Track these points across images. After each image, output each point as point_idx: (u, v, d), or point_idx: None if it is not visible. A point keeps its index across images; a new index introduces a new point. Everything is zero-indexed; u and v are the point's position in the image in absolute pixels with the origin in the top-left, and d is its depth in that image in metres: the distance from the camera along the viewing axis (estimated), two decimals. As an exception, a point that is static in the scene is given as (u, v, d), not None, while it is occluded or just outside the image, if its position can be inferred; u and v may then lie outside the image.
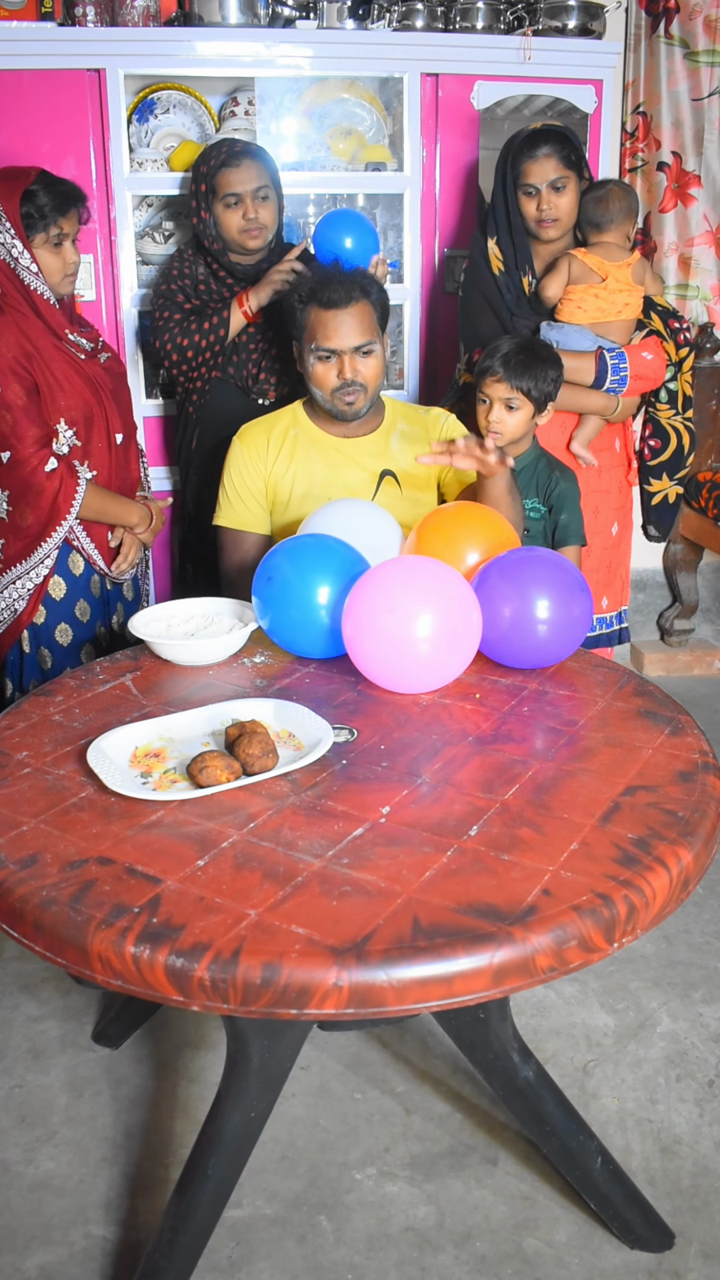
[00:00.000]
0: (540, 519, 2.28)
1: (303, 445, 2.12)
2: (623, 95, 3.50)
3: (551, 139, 2.32)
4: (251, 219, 2.34)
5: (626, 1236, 1.53)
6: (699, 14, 3.26)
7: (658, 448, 2.37)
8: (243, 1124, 1.36)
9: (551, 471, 2.28)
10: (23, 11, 2.57)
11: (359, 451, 2.13)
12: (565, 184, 2.33)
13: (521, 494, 2.20)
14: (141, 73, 2.70)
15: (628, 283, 2.38)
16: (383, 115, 2.91)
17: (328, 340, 2.00)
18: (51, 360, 2.03)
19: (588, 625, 1.66)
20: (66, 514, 2.02)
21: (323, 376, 2.03)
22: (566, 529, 2.27)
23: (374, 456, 2.13)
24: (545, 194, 2.33)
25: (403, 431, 2.17)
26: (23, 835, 1.23)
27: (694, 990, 2.05)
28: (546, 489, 2.27)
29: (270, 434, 2.14)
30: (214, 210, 2.36)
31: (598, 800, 1.28)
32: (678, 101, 3.38)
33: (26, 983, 2.11)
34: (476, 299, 2.51)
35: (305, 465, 2.11)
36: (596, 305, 2.37)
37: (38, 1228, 1.58)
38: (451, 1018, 1.46)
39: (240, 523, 2.16)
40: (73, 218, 2.02)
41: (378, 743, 1.44)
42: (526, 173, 2.33)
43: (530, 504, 2.26)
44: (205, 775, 1.31)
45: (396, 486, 2.13)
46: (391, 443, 2.15)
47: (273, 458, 2.12)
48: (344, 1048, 1.91)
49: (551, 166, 2.31)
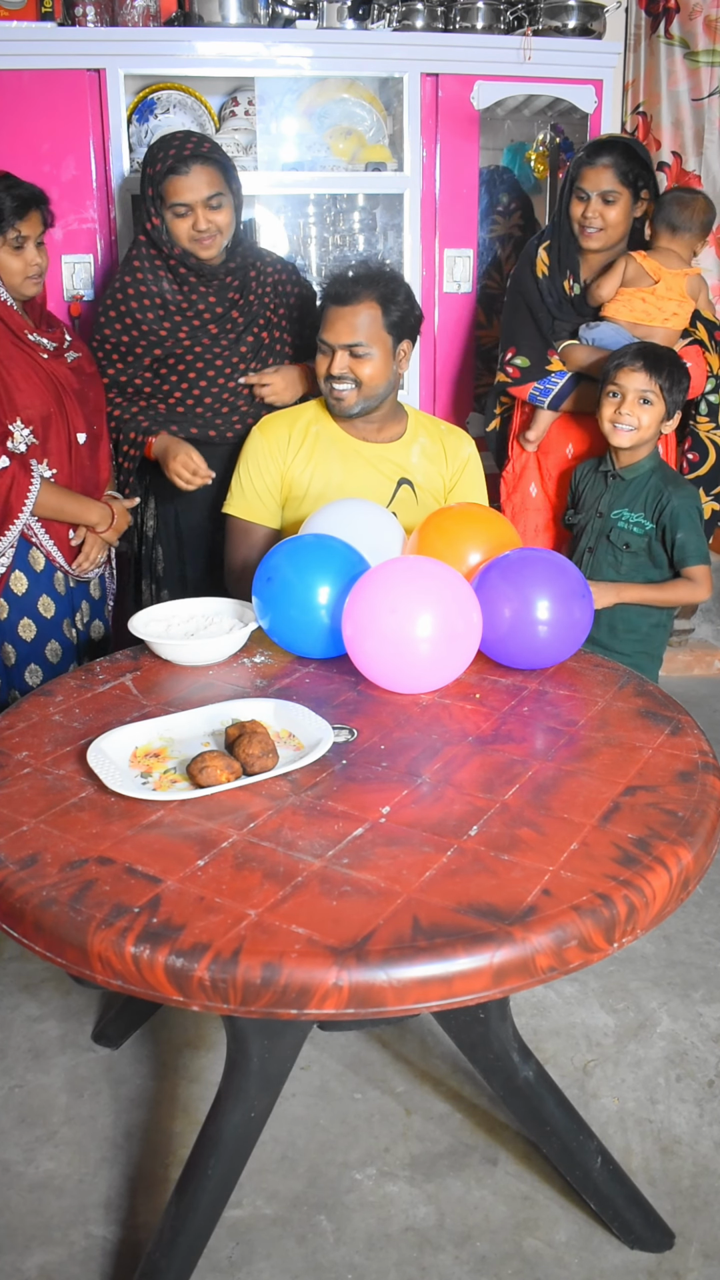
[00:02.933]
0: (644, 535, 2.18)
1: (323, 444, 2.11)
2: (623, 95, 3.50)
3: (616, 150, 2.33)
4: (204, 229, 2.15)
5: (626, 1236, 1.53)
6: (699, 14, 3.26)
7: (696, 461, 2.36)
8: (243, 1124, 1.36)
9: (665, 486, 2.18)
10: (23, 11, 2.57)
11: (379, 457, 2.12)
12: (616, 198, 2.32)
13: (628, 506, 2.20)
14: (141, 73, 2.70)
15: (681, 293, 2.35)
16: (383, 115, 2.91)
17: (324, 333, 2.02)
18: (9, 360, 2.01)
19: (588, 626, 1.66)
20: (20, 512, 2.00)
21: (319, 366, 2.05)
22: (684, 549, 2.15)
23: (393, 464, 2.12)
24: (594, 202, 2.33)
25: (423, 446, 2.15)
26: (23, 835, 1.23)
27: (694, 990, 2.05)
28: (657, 505, 2.17)
29: (292, 428, 2.13)
30: (164, 216, 2.17)
31: (598, 800, 1.28)
32: (678, 101, 3.38)
33: (26, 983, 2.11)
34: (516, 300, 2.53)
35: (324, 464, 2.10)
36: (643, 308, 2.35)
37: (38, 1228, 1.58)
38: (451, 1018, 1.46)
39: (251, 514, 2.15)
40: (34, 220, 1.99)
41: (378, 743, 1.44)
42: (583, 177, 2.33)
43: (635, 518, 2.19)
44: (205, 775, 1.31)
45: (413, 496, 2.12)
46: (412, 454, 2.14)
47: (293, 453, 2.11)
48: (344, 1048, 1.91)
49: (607, 178, 2.31)
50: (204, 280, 2.23)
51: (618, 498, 2.23)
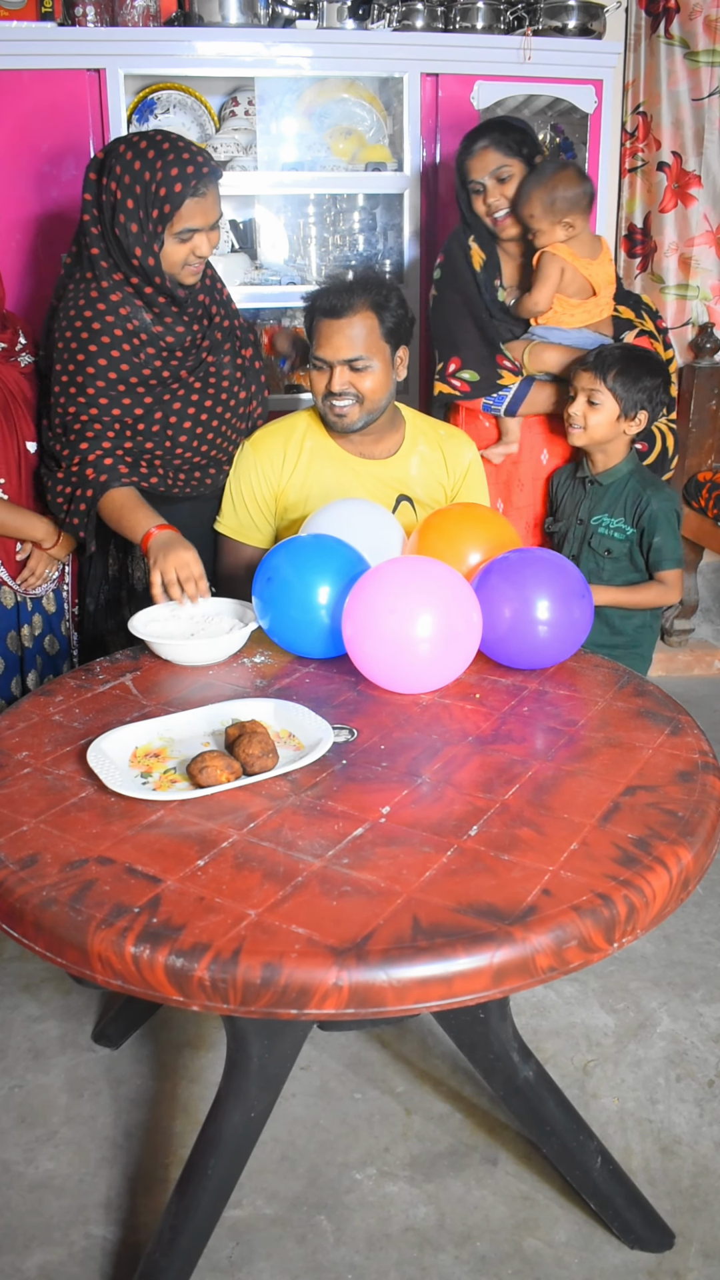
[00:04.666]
0: (625, 540, 2.16)
1: (319, 460, 2.04)
2: (623, 95, 3.50)
3: (490, 130, 2.23)
4: (203, 254, 1.91)
5: (626, 1236, 1.53)
6: (699, 14, 3.26)
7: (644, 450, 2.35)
8: (243, 1124, 1.36)
9: (644, 490, 2.15)
10: (23, 11, 2.57)
11: (376, 475, 2.06)
12: (510, 172, 2.22)
13: (608, 512, 2.17)
14: (141, 73, 2.70)
15: (610, 278, 2.28)
16: (383, 115, 2.91)
17: (319, 349, 1.94)
18: None
19: (588, 626, 1.66)
20: None
21: (315, 384, 1.98)
22: (660, 552, 2.13)
23: (391, 480, 2.06)
24: (491, 187, 2.24)
25: (422, 455, 2.09)
26: (23, 835, 1.23)
27: (694, 990, 2.05)
28: (636, 509, 2.14)
29: (287, 443, 2.06)
30: (162, 241, 1.86)
31: (598, 800, 1.28)
32: (678, 101, 3.38)
33: (26, 983, 2.11)
34: (453, 300, 2.34)
35: (319, 481, 2.03)
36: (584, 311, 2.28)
37: (38, 1228, 1.58)
38: (451, 1018, 1.46)
39: (241, 533, 2.12)
40: None
41: (378, 743, 1.44)
42: (469, 170, 2.26)
43: (615, 523, 2.16)
44: (205, 775, 1.31)
45: (413, 512, 2.07)
46: (410, 467, 2.07)
47: (288, 470, 2.05)
48: (344, 1048, 1.91)
49: (492, 158, 2.21)
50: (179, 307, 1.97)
51: (597, 503, 2.20)
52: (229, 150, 2.84)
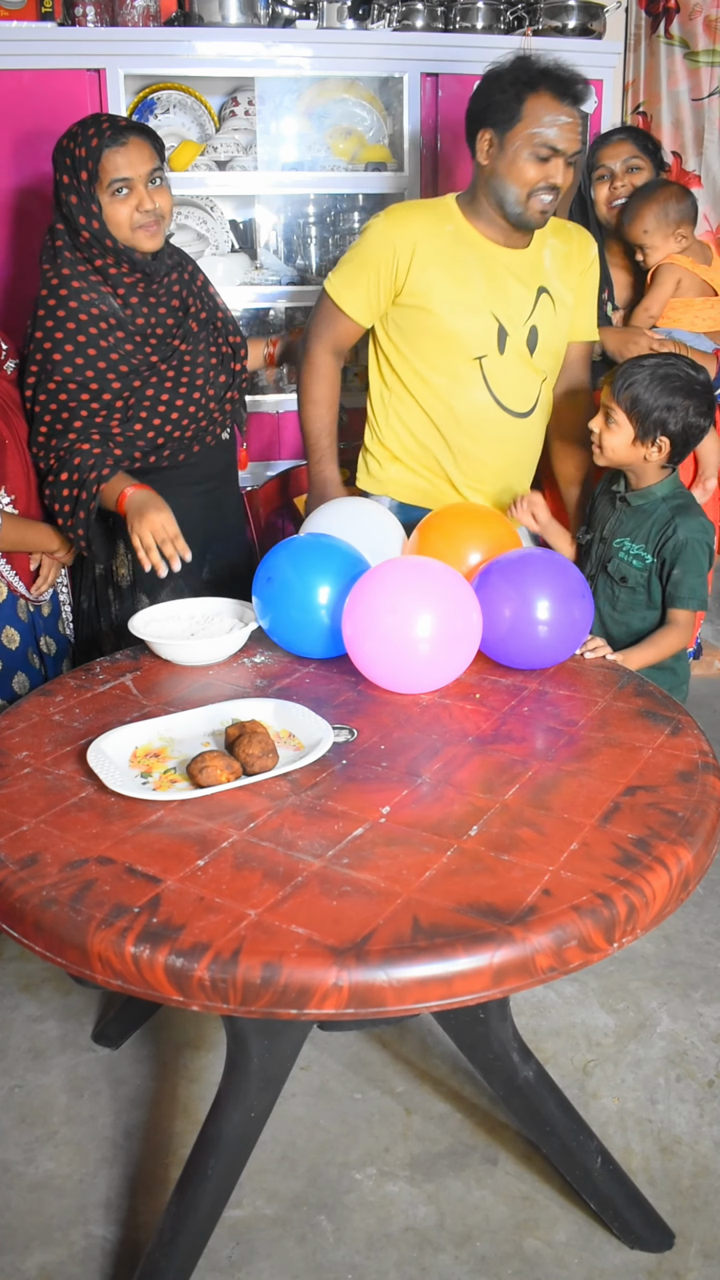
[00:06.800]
0: (644, 569, 1.92)
1: (462, 248, 1.96)
2: (623, 95, 3.50)
3: (625, 130, 2.36)
4: (149, 210, 1.88)
5: (626, 1236, 1.53)
6: (699, 14, 3.26)
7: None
8: (243, 1124, 1.36)
9: (675, 516, 1.90)
10: (23, 11, 2.57)
11: (517, 264, 2.00)
12: (639, 164, 2.31)
13: (630, 536, 1.95)
14: (141, 73, 2.70)
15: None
16: (383, 115, 2.91)
17: (555, 139, 1.84)
18: None
19: (588, 626, 1.66)
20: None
21: (531, 175, 1.87)
22: (678, 586, 1.88)
23: (530, 271, 2.01)
24: (620, 174, 2.32)
25: (554, 247, 2.04)
26: (23, 835, 1.23)
27: (694, 990, 2.05)
28: (661, 537, 1.90)
29: (430, 225, 1.96)
30: (99, 202, 1.87)
31: (598, 800, 1.28)
32: (678, 101, 3.38)
33: (26, 983, 2.11)
34: None
35: (462, 272, 1.95)
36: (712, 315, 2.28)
37: (38, 1228, 1.58)
38: (451, 1018, 1.46)
39: (348, 301, 2.02)
40: None
41: (378, 743, 1.44)
42: (602, 155, 2.33)
43: (636, 549, 1.93)
44: (205, 775, 1.31)
45: (551, 305, 2.02)
46: (545, 258, 2.03)
47: (424, 253, 1.94)
48: (344, 1048, 1.91)
49: (626, 149, 2.32)
50: (149, 282, 1.97)
51: (622, 524, 1.98)
52: (229, 150, 2.83)
